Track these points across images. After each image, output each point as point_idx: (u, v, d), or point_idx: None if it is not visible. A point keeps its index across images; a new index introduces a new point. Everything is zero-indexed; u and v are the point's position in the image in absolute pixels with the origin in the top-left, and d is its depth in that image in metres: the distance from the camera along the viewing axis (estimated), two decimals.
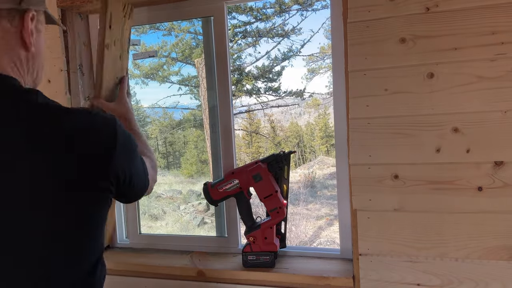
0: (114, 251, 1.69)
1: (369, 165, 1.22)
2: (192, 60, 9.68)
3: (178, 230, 7.93)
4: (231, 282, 1.43)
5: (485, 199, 1.14)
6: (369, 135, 1.21)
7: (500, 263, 1.14)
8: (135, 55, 1.70)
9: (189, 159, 11.72)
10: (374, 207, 1.23)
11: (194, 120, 11.36)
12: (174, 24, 9.42)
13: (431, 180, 1.18)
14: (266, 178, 1.40)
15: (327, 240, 7.23)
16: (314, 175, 11.17)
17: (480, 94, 1.11)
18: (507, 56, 1.08)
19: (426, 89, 1.15)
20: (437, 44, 1.13)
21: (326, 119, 15.91)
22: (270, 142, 14.74)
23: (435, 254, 1.19)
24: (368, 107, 1.21)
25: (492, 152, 1.12)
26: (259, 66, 11.00)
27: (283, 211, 1.41)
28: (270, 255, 1.40)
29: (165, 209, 8.79)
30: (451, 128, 1.15)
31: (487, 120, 1.11)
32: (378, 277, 1.25)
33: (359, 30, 1.19)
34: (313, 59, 12.63)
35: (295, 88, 11.36)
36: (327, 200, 9.71)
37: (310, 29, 13.92)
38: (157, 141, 12.10)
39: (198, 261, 1.52)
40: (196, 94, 10.61)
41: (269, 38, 10.57)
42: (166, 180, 11.05)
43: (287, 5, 9.99)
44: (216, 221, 1.69)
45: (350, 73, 1.21)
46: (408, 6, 1.14)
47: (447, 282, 1.19)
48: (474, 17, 1.10)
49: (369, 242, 1.24)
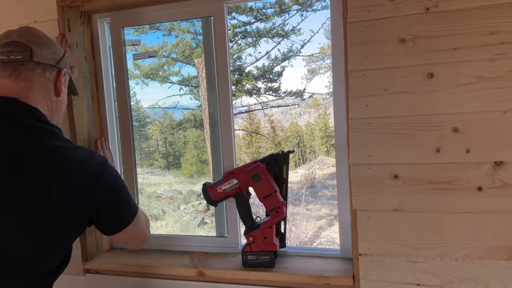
0: (115, 252, 1.69)
1: (369, 165, 1.22)
2: (192, 60, 9.68)
3: (178, 230, 7.92)
4: (231, 282, 1.43)
5: (485, 199, 1.14)
6: (369, 135, 1.21)
7: (500, 263, 1.14)
8: (135, 55, 1.71)
9: (189, 159, 11.71)
10: (374, 207, 1.23)
11: (194, 120, 11.36)
12: (174, 24, 9.42)
13: (431, 180, 1.18)
14: (265, 178, 1.40)
15: (327, 240, 7.23)
16: (314, 175, 11.16)
17: (480, 94, 1.11)
18: (507, 56, 1.08)
19: (426, 89, 1.15)
20: (437, 44, 1.13)
21: (326, 119, 15.90)
22: (270, 142, 14.74)
23: (435, 254, 1.19)
24: (368, 107, 1.21)
25: (492, 152, 1.12)
26: (259, 66, 11.00)
27: (283, 210, 1.41)
28: (270, 255, 1.40)
29: (165, 209, 8.78)
30: (451, 128, 1.15)
31: (487, 120, 1.11)
32: (378, 277, 1.25)
33: (359, 30, 1.19)
34: (313, 59, 12.64)
35: (295, 88, 11.37)
36: (327, 200, 9.70)
37: (310, 29, 13.88)
38: (157, 141, 12.10)
39: (198, 261, 1.52)
40: (196, 94, 10.61)
41: (269, 38, 10.58)
42: (166, 180, 11.04)
43: (287, 5, 9.99)
44: (216, 221, 1.69)
45: (350, 73, 1.21)
46: (408, 6, 1.14)
47: (447, 282, 1.19)
48: (474, 17, 1.10)
49: (369, 242, 1.24)
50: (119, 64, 1.63)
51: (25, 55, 0.96)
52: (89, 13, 1.61)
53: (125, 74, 1.64)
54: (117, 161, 1.72)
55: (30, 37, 0.99)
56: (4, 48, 0.96)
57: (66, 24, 1.51)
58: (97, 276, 1.58)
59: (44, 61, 0.99)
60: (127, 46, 1.66)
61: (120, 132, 1.68)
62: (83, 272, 1.59)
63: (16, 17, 1.55)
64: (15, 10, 1.55)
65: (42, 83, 1.00)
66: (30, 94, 0.97)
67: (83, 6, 1.52)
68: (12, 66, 0.96)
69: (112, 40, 1.63)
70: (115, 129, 1.71)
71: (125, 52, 1.64)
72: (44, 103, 1.00)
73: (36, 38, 1.00)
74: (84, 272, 1.59)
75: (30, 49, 0.97)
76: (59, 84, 1.04)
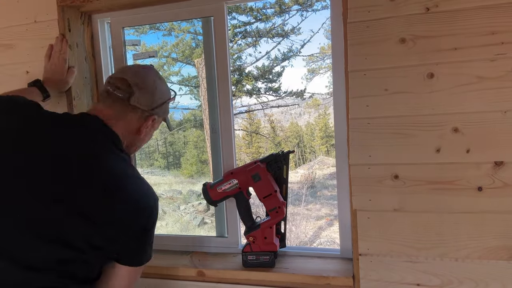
0: None
1: (369, 165, 1.22)
2: (192, 60, 9.69)
3: (178, 230, 7.93)
4: (231, 282, 1.43)
5: (485, 199, 1.14)
6: (369, 135, 1.21)
7: (500, 263, 1.14)
8: (135, 55, 1.70)
9: (189, 159, 11.72)
10: (374, 207, 1.23)
11: (194, 120, 11.37)
12: (174, 25, 9.43)
13: (431, 180, 1.18)
14: (265, 178, 1.40)
15: (327, 240, 7.24)
16: (314, 175, 11.17)
17: (480, 94, 1.11)
18: (507, 56, 1.08)
19: (426, 89, 1.15)
20: (437, 44, 1.13)
21: (326, 119, 15.91)
22: (270, 142, 14.75)
23: (435, 254, 1.19)
24: (368, 107, 1.21)
25: (492, 152, 1.12)
26: (259, 66, 11.01)
27: (283, 210, 1.41)
28: (270, 255, 1.40)
29: (165, 209, 8.78)
30: (451, 128, 1.15)
31: (487, 120, 1.11)
32: (378, 277, 1.25)
33: (359, 30, 1.19)
34: (313, 59, 12.66)
35: (295, 88, 11.38)
36: (327, 200, 9.71)
37: (310, 29, 13.92)
38: (157, 141, 12.11)
39: (198, 261, 1.52)
40: (196, 94, 10.61)
41: (269, 38, 10.59)
42: (166, 180, 11.05)
43: (287, 5, 10.00)
44: (216, 221, 1.69)
45: (350, 73, 1.21)
46: (408, 6, 1.14)
47: (447, 282, 1.19)
48: (474, 17, 1.10)
49: (369, 242, 1.24)
50: (119, 64, 1.63)
51: (125, 95, 1.11)
52: (89, 13, 1.60)
53: None
54: None
55: (139, 80, 1.13)
56: (116, 82, 1.12)
57: (66, 24, 1.51)
58: None
59: (139, 105, 1.12)
60: (127, 46, 1.66)
61: None
62: None
63: (16, 17, 1.55)
64: (15, 10, 1.55)
65: (130, 120, 1.13)
66: (116, 122, 1.10)
67: (83, 6, 1.52)
68: (113, 98, 1.11)
69: (112, 40, 1.63)
70: None
71: (125, 52, 1.64)
72: (126, 135, 1.13)
73: (144, 83, 1.14)
74: None
75: (132, 92, 1.11)
76: (143, 127, 1.16)
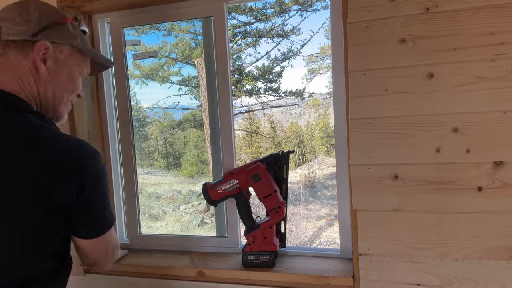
0: None
1: (369, 165, 1.22)
2: (192, 61, 9.69)
3: (178, 230, 7.93)
4: (231, 282, 1.43)
5: (485, 199, 1.14)
6: (369, 135, 1.21)
7: (500, 263, 1.14)
8: (135, 55, 1.71)
9: (189, 159, 11.72)
10: (374, 207, 1.23)
11: (194, 120, 11.36)
12: (174, 25, 9.42)
13: (431, 180, 1.18)
14: (265, 178, 1.40)
15: (327, 240, 7.23)
16: (314, 175, 11.16)
17: (480, 94, 1.11)
18: (507, 56, 1.08)
19: (426, 89, 1.15)
20: (437, 44, 1.13)
21: (326, 119, 15.91)
22: (270, 142, 14.74)
23: (435, 254, 1.19)
24: (368, 107, 1.21)
25: (492, 152, 1.12)
26: (259, 67, 11.00)
27: (283, 210, 1.41)
28: (270, 255, 1.40)
29: (165, 209, 8.78)
30: (451, 128, 1.15)
31: (487, 120, 1.12)
32: (378, 277, 1.25)
33: (359, 31, 1.19)
34: (313, 59, 12.65)
35: (295, 88, 11.36)
36: (327, 200, 9.70)
37: (310, 30, 13.91)
38: (157, 141, 12.11)
39: (198, 261, 1.52)
40: (196, 94, 10.61)
41: (269, 38, 10.58)
42: (166, 180, 11.05)
43: (287, 6, 9.99)
44: (216, 221, 1.69)
45: (350, 73, 1.21)
46: (408, 6, 1.14)
47: (447, 282, 1.19)
48: (474, 17, 1.10)
49: (369, 242, 1.25)
50: (119, 64, 1.63)
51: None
52: (89, 13, 1.60)
53: (125, 74, 1.64)
54: (117, 161, 1.72)
55: (3, 14, 0.87)
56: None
57: None
58: (97, 276, 1.58)
59: (13, 37, 0.84)
60: (127, 46, 1.66)
61: (120, 132, 1.68)
62: (83, 272, 1.59)
63: None
64: None
65: (14, 62, 0.85)
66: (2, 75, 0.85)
67: (83, 7, 1.52)
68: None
69: (112, 40, 1.63)
70: (115, 129, 1.71)
71: (125, 52, 1.64)
72: (24, 84, 0.86)
73: (11, 12, 0.86)
74: (84, 272, 1.59)
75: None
76: (36, 60, 0.86)
